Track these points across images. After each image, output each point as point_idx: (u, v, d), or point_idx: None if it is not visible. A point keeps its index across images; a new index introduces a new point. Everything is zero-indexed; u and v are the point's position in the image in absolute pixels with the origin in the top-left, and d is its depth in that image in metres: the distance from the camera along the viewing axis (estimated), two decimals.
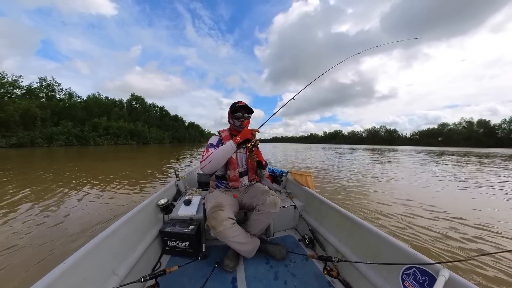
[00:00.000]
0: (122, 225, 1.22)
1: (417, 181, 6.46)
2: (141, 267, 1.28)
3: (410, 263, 0.95)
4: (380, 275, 1.08)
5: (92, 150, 22.44)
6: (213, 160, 1.31)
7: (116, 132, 48.60)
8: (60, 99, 46.11)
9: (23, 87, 39.88)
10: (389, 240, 1.08)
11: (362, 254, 1.24)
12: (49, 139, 34.05)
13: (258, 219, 1.41)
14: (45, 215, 3.13)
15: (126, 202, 3.82)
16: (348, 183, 5.82)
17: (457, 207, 3.90)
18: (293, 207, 1.89)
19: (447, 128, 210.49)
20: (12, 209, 3.35)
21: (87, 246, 0.96)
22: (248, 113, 1.51)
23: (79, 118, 43.56)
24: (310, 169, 8.86)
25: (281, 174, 2.57)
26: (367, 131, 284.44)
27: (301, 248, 1.67)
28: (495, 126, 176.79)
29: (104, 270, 1.03)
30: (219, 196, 1.46)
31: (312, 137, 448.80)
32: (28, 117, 33.17)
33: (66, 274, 0.81)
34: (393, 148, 59.65)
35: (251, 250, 1.42)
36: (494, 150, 59.46)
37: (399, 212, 3.50)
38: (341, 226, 1.45)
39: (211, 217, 1.23)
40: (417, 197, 4.55)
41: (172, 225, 1.55)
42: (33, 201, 3.76)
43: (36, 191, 4.44)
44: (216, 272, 1.35)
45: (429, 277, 0.87)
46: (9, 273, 1.81)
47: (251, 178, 1.65)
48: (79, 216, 3.11)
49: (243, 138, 1.35)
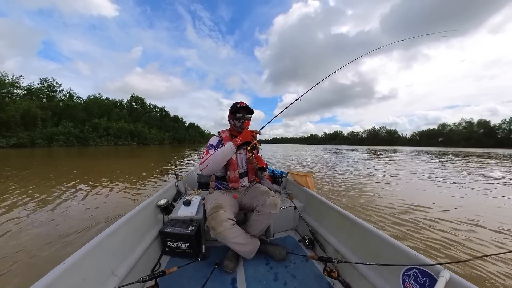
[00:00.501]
0: (122, 226, 1.21)
1: (418, 182, 6.46)
2: (141, 268, 1.28)
3: (410, 264, 0.94)
4: (381, 276, 1.08)
5: (92, 151, 22.46)
6: (212, 162, 1.30)
7: (116, 133, 48.69)
8: (61, 99, 46.25)
9: (23, 87, 40.02)
10: (389, 240, 1.08)
11: (362, 255, 1.23)
12: (49, 139, 34.13)
13: (258, 220, 1.41)
14: (45, 215, 3.13)
15: (126, 202, 3.82)
16: (349, 184, 5.82)
17: (458, 207, 3.89)
18: (293, 208, 1.88)
19: (447, 128, 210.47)
20: (11, 209, 3.35)
21: (87, 247, 0.95)
22: (249, 113, 1.51)
23: (80, 119, 43.68)
24: (310, 170, 8.85)
25: (281, 175, 2.56)
26: (367, 131, 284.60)
27: (301, 249, 1.67)
28: (495, 126, 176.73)
29: (103, 270, 1.02)
30: (219, 197, 1.46)
31: (312, 138, 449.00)
32: (28, 118, 33.26)
33: (66, 274, 0.81)
34: (394, 148, 59.60)
35: (251, 251, 1.42)
36: (495, 150, 59.34)
37: (399, 212, 3.49)
38: (341, 226, 1.45)
39: (211, 218, 1.23)
40: (418, 197, 4.55)
41: (172, 226, 1.55)
42: (33, 201, 3.76)
43: (36, 192, 4.44)
44: (216, 273, 1.35)
45: (430, 278, 0.87)
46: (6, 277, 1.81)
47: (251, 179, 1.65)
48: (78, 216, 3.10)
49: (243, 140, 1.33)
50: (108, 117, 51.92)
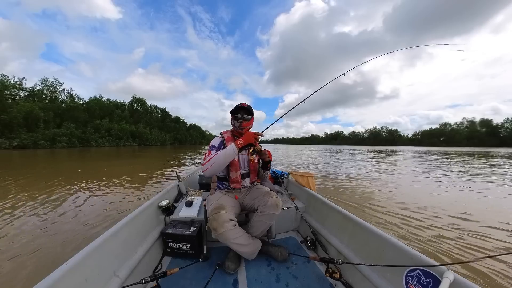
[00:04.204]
0: (124, 227, 1.22)
1: (419, 182, 6.42)
2: (142, 269, 1.28)
3: (413, 265, 0.93)
4: (384, 277, 1.07)
5: (94, 152, 22.56)
6: (214, 164, 1.30)
7: (118, 134, 48.90)
8: (63, 101, 46.56)
9: (26, 89, 40.31)
10: (392, 241, 1.07)
11: (365, 256, 1.22)
12: (51, 140, 34.32)
13: (259, 221, 1.41)
14: (44, 216, 3.14)
15: (127, 203, 3.83)
16: (350, 185, 5.79)
17: (462, 207, 3.86)
18: (294, 209, 1.87)
19: (449, 128, 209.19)
20: (14, 209, 3.37)
21: (89, 247, 0.96)
22: (248, 114, 1.51)
23: (82, 120, 43.90)
24: (311, 170, 8.83)
25: (283, 175, 2.56)
26: (369, 131, 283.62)
27: (303, 250, 1.66)
28: (498, 125, 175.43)
29: (105, 271, 1.03)
30: (221, 198, 1.46)
31: (313, 138, 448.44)
32: (31, 119, 33.51)
33: (68, 275, 0.81)
34: (395, 148, 59.26)
35: (253, 252, 1.41)
36: (499, 149, 58.71)
37: (401, 213, 3.47)
38: (343, 227, 1.44)
39: (212, 219, 1.23)
40: (418, 198, 4.52)
41: (173, 227, 1.55)
42: (35, 202, 3.79)
43: (36, 192, 4.47)
44: (217, 274, 1.34)
45: (433, 279, 0.86)
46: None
47: (253, 180, 1.64)
48: (79, 217, 3.11)
49: (245, 142, 1.32)
50: (109, 118, 52.13)
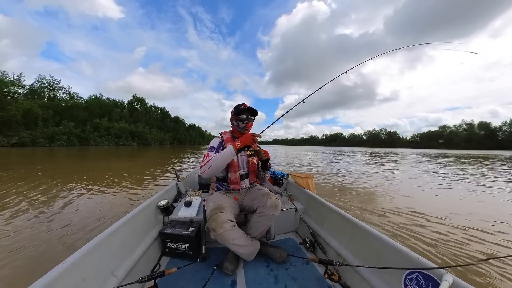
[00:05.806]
0: (122, 226, 1.21)
1: (419, 184, 6.43)
2: (140, 268, 1.27)
3: (413, 267, 0.93)
4: (382, 280, 1.06)
5: (93, 151, 22.48)
6: (212, 166, 1.30)
7: (117, 133, 48.81)
8: (62, 99, 46.43)
9: (24, 86, 40.13)
10: (391, 243, 1.07)
11: (364, 258, 1.22)
12: (50, 139, 34.20)
13: (258, 222, 1.40)
14: (43, 216, 3.12)
15: (126, 203, 3.81)
16: (350, 185, 5.80)
17: (461, 209, 3.86)
18: (293, 210, 1.87)
19: (447, 130, 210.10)
20: (12, 209, 3.35)
21: (87, 247, 0.95)
22: (252, 115, 1.52)
23: (81, 119, 43.78)
24: (311, 171, 8.83)
25: (282, 176, 2.56)
26: (368, 133, 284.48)
27: (302, 252, 1.66)
28: (496, 128, 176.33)
29: (103, 271, 1.02)
30: (220, 198, 1.45)
31: (313, 140, 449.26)
32: (30, 117, 33.38)
33: (65, 274, 0.81)
34: (394, 151, 59.40)
35: (251, 253, 1.41)
36: (497, 152, 58.94)
37: (401, 215, 3.47)
38: (343, 229, 1.44)
39: (211, 219, 1.22)
40: (419, 200, 4.53)
41: (172, 227, 1.54)
42: (33, 201, 3.76)
43: (35, 192, 4.44)
44: (216, 275, 1.34)
45: (432, 282, 0.86)
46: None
47: (252, 180, 1.64)
48: (78, 216, 3.09)
49: (243, 144, 1.32)
50: (109, 117, 52.03)
